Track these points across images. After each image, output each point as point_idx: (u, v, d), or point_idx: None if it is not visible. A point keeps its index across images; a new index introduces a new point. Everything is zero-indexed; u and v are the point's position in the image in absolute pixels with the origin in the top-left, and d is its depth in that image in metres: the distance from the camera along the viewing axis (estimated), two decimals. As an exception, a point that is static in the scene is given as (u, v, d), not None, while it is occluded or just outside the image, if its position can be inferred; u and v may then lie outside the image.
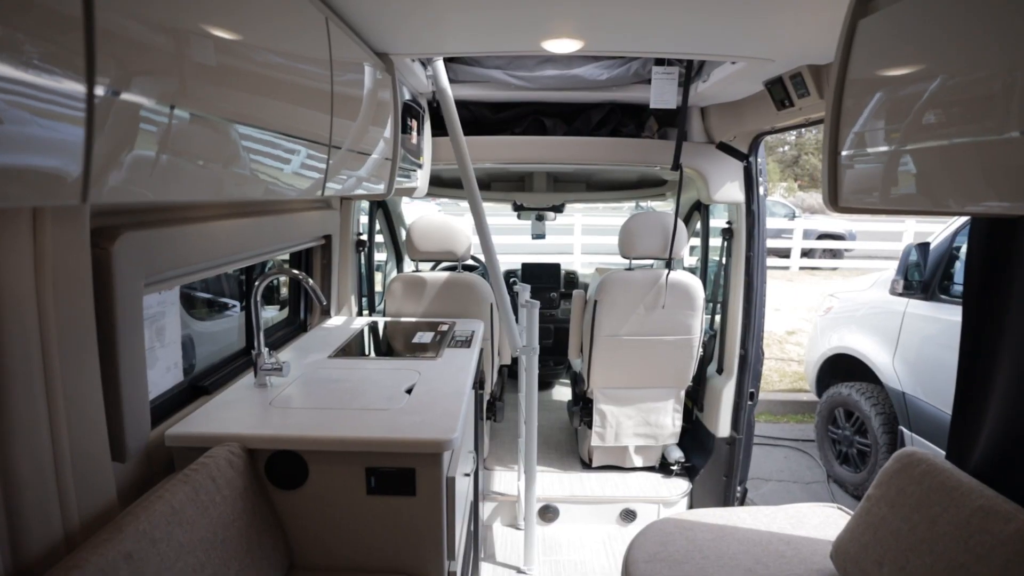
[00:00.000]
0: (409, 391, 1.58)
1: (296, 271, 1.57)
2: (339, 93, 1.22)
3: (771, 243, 10.36)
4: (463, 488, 1.60)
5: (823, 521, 1.68)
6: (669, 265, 2.47)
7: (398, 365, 1.82)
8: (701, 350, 2.67)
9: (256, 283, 1.57)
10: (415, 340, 2.13)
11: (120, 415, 1.10)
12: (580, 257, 10.85)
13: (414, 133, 1.99)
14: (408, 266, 3.66)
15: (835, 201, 1.02)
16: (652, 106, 2.18)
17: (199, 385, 1.60)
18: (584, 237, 11.08)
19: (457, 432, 1.33)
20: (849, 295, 4.11)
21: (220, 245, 1.44)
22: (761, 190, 2.45)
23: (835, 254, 12.38)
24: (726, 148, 2.41)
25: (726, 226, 2.62)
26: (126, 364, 1.10)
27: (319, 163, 1.14)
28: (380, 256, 3.88)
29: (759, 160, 2.43)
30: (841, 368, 4.04)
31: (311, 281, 1.55)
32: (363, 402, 1.50)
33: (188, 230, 1.29)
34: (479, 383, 2.06)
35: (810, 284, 10.38)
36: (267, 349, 1.61)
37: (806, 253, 12.09)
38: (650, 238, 2.49)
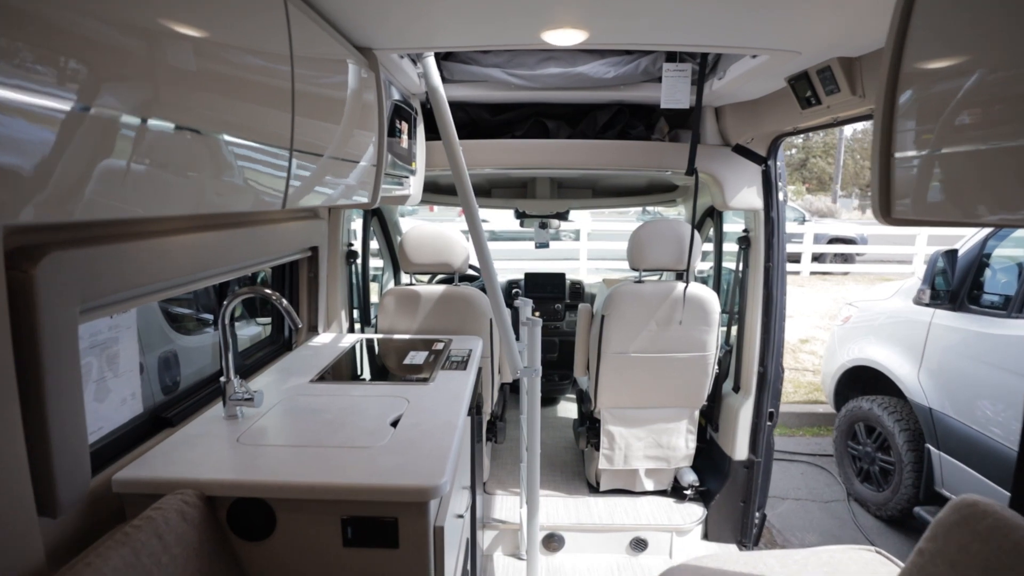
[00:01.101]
0: (395, 424, 1.42)
1: (268, 290, 1.41)
2: (312, 93, 1.07)
3: (781, 248, 10.11)
4: (455, 531, 1.43)
5: (862, 569, 1.50)
6: (686, 278, 2.30)
7: (385, 391, 1.65)
8: (716, 367, 2.49)
9: (225, 303, 1.42)
10: (407, 361, 1.96)
11: (48, 463, 0.94)
12: (586, 263, 10.66)
13: (404, 137, 1.83)
14: (406, 278, 3.50)
15: (887, 211, 0.85)
16: (663, 106, 2.01)
17: (162, 417, 1.44)
18: (590, 243, 10.90)
19: (446, 476, 1.17)
20: (869, 304, 3.92)
21: (182, 261, 1.28)
22: (780, 195, 2.28)
23: (846, 259, 12.13)
24: (743, 151, 2.24)
25: (743, 234, 2.45)
26: (55, 403, 0.94)
27: (288, 171, 0.98)
28: (379, 263, 3.73)
29: (778, 164, 2.26)
30: (861, 380, 3.86)
31: (284, 301, 1.39)
32: (342, 438, 1.33)
33: (141, 246, 1.13)
34: (477, 408, 1.89)
35: (822, 290, 10.16)
36: (238, 377, 1.45)
37: (817, 258, 11.86)
38: (663, 248, 2.32)
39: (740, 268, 2.50)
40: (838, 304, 8.80)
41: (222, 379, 1.43)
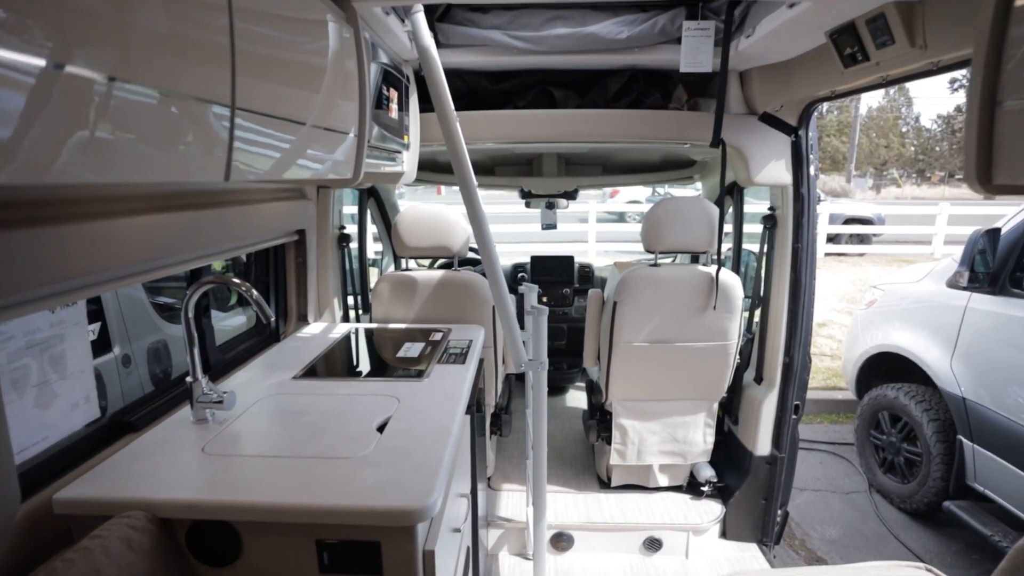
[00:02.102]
0: (381, 428, 1.26)
1: (236, 280, 1.24)
2: (263, 41, 0.88)
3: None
4: (450, 547, 1.28)
5: (911, 590, 1.33)
6: (717, 261, 2.09)
7: (374, 389, 1.49)
8: (738, 357, 2.31)
9: (188, 293, 1.25)
10: (401, 353, 1.80)
11: None
12: (595, 246, 10.43)
13: (393, 106, 1.64)
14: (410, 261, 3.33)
15: (985, 178, 0.66)
16: (683, 70, 1.81)
17: (125, 421, 1.29)
18: (599, 226, 10.66)
19: (435, 494, 1.01)
20: (895, 287, 3.70)
21: (134, 247, 1.12)
22: (811, 169, 2.07)
23: (862, 239, 11.79)
24: (771, 120, 2.02)
25: (768, 212, 2.24)
26: None
27: (229, 135, 0.80)
28: (379, 248, 3.56)
29: (810, 134, 2.04)
30: (885, 367, 3.67)
31: (255, 292, 1.23)
32: (321, 446, 1.17)
33: (78, 230, 0.97)
34: (477, 405, 1.73)
35: (838, 271, 9.89)
36: (207, 376, 1.29)
37: (832, 239, 11.54)
38: (684, 228, 2.11)
39: (764, 250, 2.30)
40: (855, 287, 8.54)
41: (188, 379, 1.28)
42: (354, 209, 2.88)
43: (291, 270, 2.06)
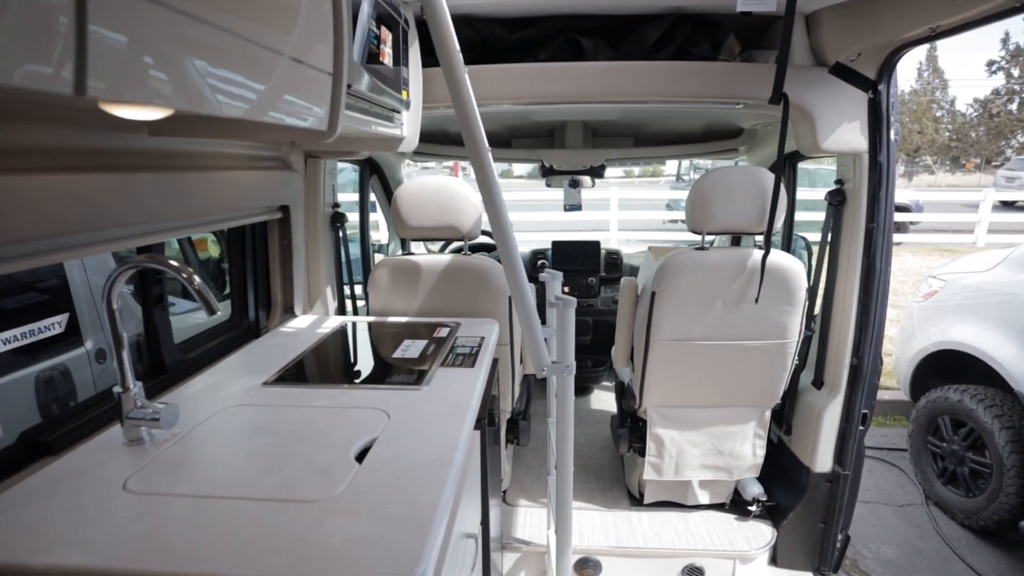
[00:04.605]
0: (362, 456, 0.96)
1: (174, 262, 0.95)
2: None
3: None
4: None
5: None
6: (767, 243, 1.75)
7: (360, 399, 1.19)
8: (796, 358, 1.97)
9: (111, 276, 0.96)
10: (398, 353, 1.50)
11: None
12: (616, 235, 10.04)
13: (386, 50, 1.33)
14: (416, 247, 3.02)
15: None
16: (739, 8, 1.48)
17: (41, 441, 1.01)
18: (621, 213, 10.25)
19: (425, 562, 0.71)
20: (960, 277, 3.31)
21: (28, 215, 0.83)
22: (892, 133, 1.71)
23: (899, 227, 11.20)
24: (844, 72, 1.67)
25: (835, 187, 1.88)
26: None
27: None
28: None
29: (892, 89, 1.68)
30: (944, 366, 3.29)
31: (197, 279, 0.93)
32: (279, 482, 0.88)
33: None
34: (490, 417, 1.43)
35: (873, 261, 9.35)
36: (139, 385, 1.00)
37: (866, 227, 10.97)
38: (738, 203, 1.76)
39: (827, 232, 1.94)
40: (896, 278, 8.05)
41: (116, 388, 0.99)
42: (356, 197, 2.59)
43: (274, 254, 1.77)
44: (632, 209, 10.59)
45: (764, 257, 1.74)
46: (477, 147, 1.20)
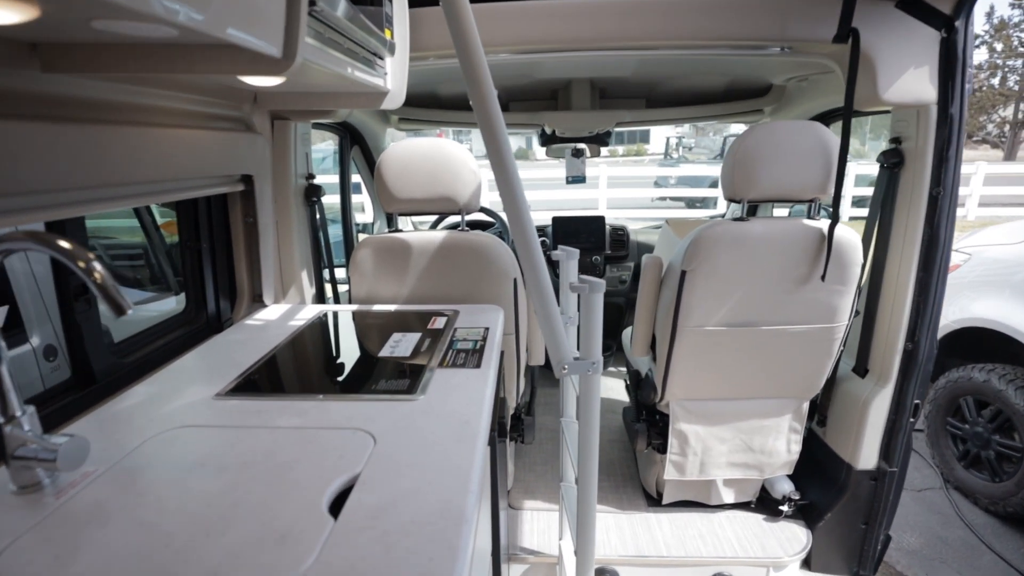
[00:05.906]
0: (337, 507, 0.70)
1: (65, 243, 0.67)
2: None
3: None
4: None
5: None
6: (836, 213, 1.48)
7: (337, 416, 0.93)
8: (843, 344, 1.74)
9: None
10: (387, 351, 1.24)
11: None
12: (606, 212, 9.79)
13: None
14: (404, 223, 2.73)
15: None
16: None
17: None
18: (610, 191, 9.96)
19: None
20: (986, 249, 3.11)
21: None
22: (967, 83, 1.45)
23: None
24: (914, 6, 1.40)
25: (891, 146, 1.62)
26: None
27: None
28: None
29: (969, 28, 1.42)
30: (966, 344, 3.11)
31: (98, 267, 0.66)
32: (219, 554, 0.62)
33: None
34: (500, 427, 1.18)
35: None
36: (30, 411, 0.73)
37: (857, 202, 10.83)
38: (792, 164, 1.51)
39: (880, 198, 1.69)
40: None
41: (-4, 418, 0.72)
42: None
43: (238, 233, 1.49)
44: (619, 187, 10.30)
45: (831, 228, 1.48)
46: (484, 101, 0.92)
